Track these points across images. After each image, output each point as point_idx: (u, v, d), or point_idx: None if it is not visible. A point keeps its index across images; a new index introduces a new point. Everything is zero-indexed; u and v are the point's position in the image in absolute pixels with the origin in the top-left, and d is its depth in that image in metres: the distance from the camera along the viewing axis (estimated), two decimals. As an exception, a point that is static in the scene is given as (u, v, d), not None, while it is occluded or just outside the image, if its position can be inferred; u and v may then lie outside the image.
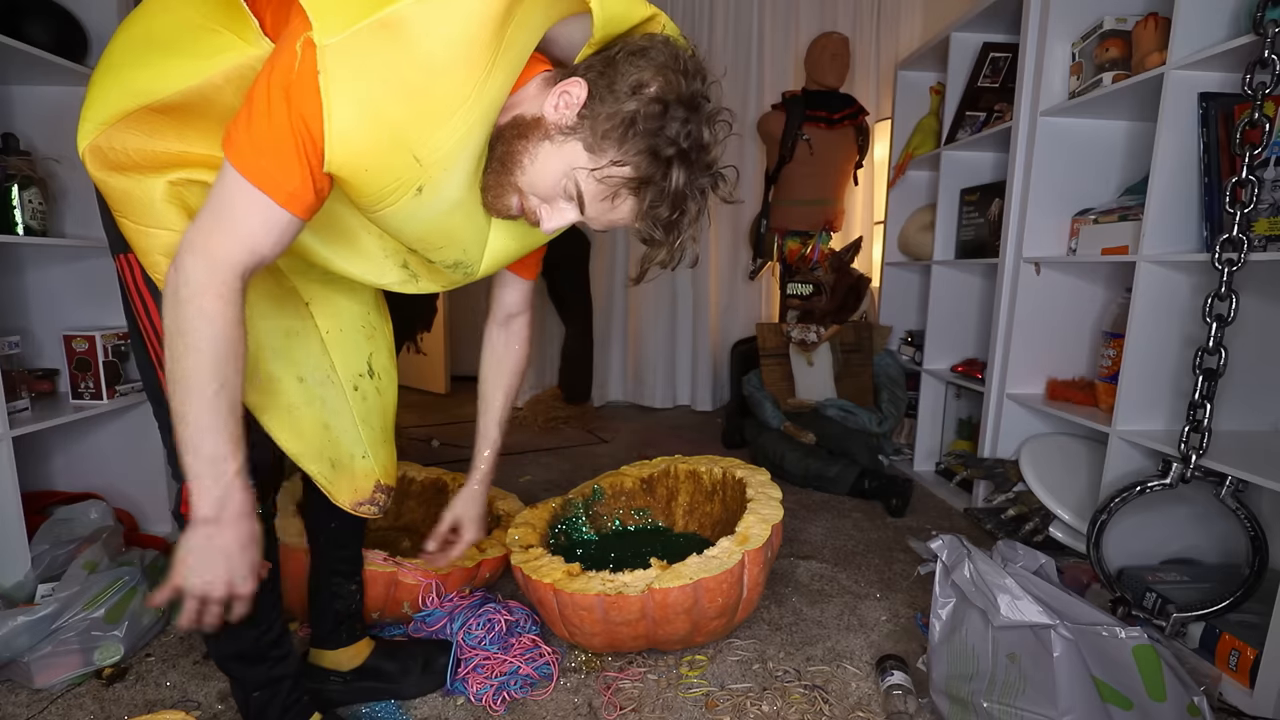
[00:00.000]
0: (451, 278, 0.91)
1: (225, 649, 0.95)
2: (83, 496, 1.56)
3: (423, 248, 0.82)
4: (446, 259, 0.85)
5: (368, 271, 0.90)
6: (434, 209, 0.76)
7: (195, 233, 0.68)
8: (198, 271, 0.67)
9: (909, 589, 1.54)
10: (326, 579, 1.13)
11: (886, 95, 3.04)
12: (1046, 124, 1.72)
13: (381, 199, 0.72)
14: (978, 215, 2.10)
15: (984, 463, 1.88)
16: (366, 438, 1.02)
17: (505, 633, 1.24)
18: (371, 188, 0.71)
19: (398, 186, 0.71)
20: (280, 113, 0.65)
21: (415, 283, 0.93)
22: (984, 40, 2.06)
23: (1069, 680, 0.89)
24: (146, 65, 0.77)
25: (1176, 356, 1.40)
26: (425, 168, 0.71)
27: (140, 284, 0.84)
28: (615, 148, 0.73)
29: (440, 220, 0.78)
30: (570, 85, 0.74)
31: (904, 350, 2.54)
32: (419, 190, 0.72)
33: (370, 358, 1.04)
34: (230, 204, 0.68)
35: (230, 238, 0.68)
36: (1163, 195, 1.36)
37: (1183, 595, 1.31)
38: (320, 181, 0.69)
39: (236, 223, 0.68)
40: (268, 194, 0.67)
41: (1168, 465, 1.28)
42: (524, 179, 0.77)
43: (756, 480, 1.48)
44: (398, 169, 0.70)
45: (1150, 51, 1.43)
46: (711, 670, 1.24)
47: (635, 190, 0.75)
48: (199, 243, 0.68)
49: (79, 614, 1.17)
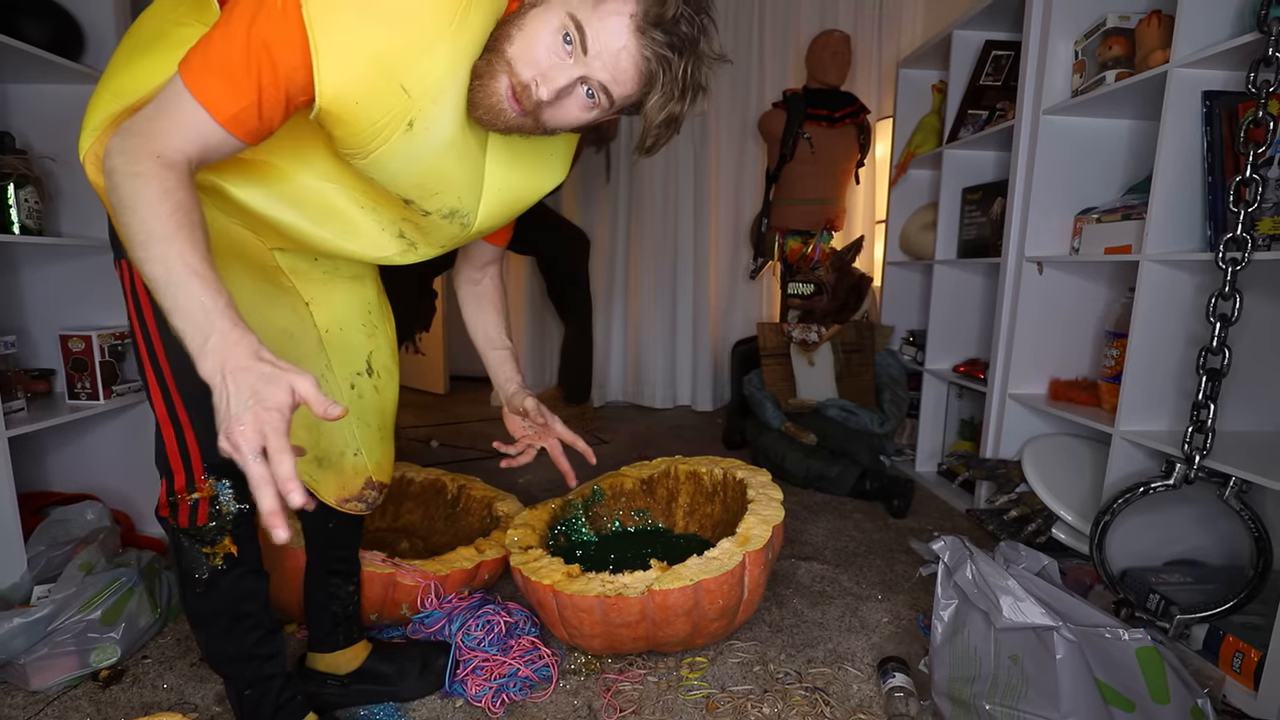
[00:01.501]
0: (449, 232, 0.90)
1: (216, 649, 0.95)
2: (79, 497, 1.55)
3: (419, 195, 0.82)
4: (443, 206, 0.84)
5: (367, 247, 0.90)
6: (426, 147, 0.76)
7: (133, 121, 0.68)
8: (132, 147, 0.66)
9: (911, 590, 1.54)
10: (323, 579, 1.13)
11: (888, 93, 3.04)
12: (1049, 122, 1.72)
13: (373, 137, 0.72)
14: (980, 214, 2.10)
15: (986, 463, 1.88)
16: (361, 435, 1.03)
17: (504, 634, 1.24)
18: (362, 123, 0.71)
19: (388, 121, 0.72)
20: (239, 35, 0.66)
21: (415, 250, 0.93)
22: (986, 38, 2.06)
23: (1072, 682, 0.89)
24: (128, 67, 0.79)
25: (1180, 356, 1.40)
26: (414, 99, 0.71)
27: (139, 289, 0.85)
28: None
29: (434, 161, 0.78)
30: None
31: (906, 350, 2.54)
32: (410, 125, 0.72)
33: (370, 356, 1.05)
34: (173, 111, 0.68)
35: (170, 134, 0.67)
36: (1166, 194, 1.36)
37: (1186, 597, 1.31)
38: (270, 109, 0.69)
39: (176, 127, 0.68)
40: (209, 111, 0.67)
41: (1171, 466, 1.28)
42: (513, 49, 0.73)
43: (757, 481, 1.48)
44: (387, 101, 0.70)
45: (1153, 49, 1.43)
46: (712, 672, 1.24)
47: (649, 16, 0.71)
48: (135, 127, 0.67)
49: (75, 615, 1.17)
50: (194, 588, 0.91)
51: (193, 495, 0.88)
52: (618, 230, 3.34)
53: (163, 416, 0.87)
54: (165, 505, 0.89)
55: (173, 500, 0.88)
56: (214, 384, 0.60)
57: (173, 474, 0.88)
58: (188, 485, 0.88)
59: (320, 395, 0.62)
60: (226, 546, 0.90)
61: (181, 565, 0.91)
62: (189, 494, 0.88)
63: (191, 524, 0.88)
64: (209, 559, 0.89)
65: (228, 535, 0.89)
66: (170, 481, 0.88)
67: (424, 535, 1.70)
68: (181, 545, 0.90)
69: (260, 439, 0.58)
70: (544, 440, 1.17)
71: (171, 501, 0.88)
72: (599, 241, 3.31)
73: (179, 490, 0.88)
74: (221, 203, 0.85)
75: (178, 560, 0.91)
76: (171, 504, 0.88)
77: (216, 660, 0.97)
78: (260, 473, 0.58)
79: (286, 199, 0.85)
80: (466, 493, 1.71)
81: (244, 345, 0.61)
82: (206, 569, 0.89)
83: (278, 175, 0.83)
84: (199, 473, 0.87)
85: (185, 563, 0.90)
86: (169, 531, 0.91)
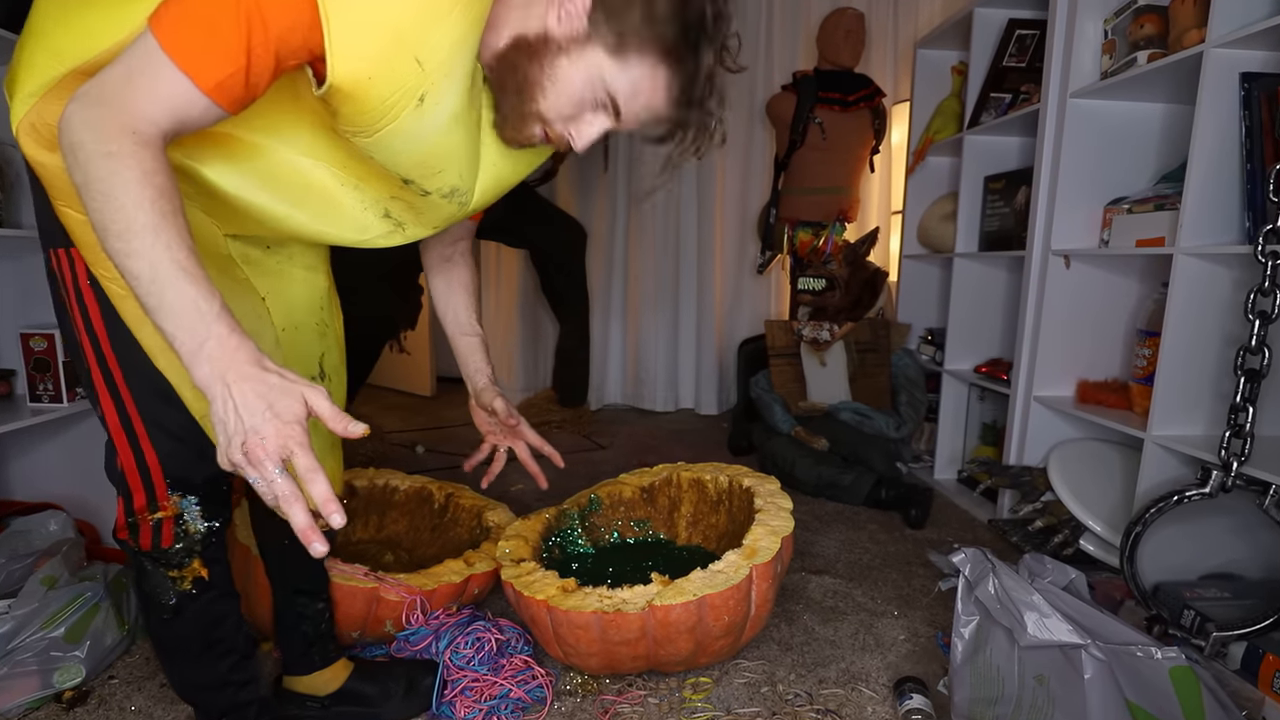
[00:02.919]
0: (445, 212, 0.89)
1: (185, 678, 0.93)
2: (41, 506, 1.55)
3: (421, 174, 0.81)
4: (444, 185, 0.84)
5: (346, 230, 0.88)
6: (434, 123, 0.75)
7: (97, 86, 0.64)
8: (99, 119, 0.62)
9: (929, 606, 1.54)
10: (289, 599, 1.12)
11: (905, 75, 3.05)
12: (1077, 106, 1.72)
13: (384, 113, 0.71)
14: (1003, 204, 2.10)
15: (1010, 470, 1.88)
16: (316, 445, 1.00)
17: (495, 653, 1.24)
18: (373, 100, 0.70)
19: (401, 96, 0.70)
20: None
21: (402, 231, 0.91)
22: (1009, 16, 2.06)
23: (1101, 704, 0.89)
24: (66, 21, 0.74)
25: (1217, 356, 1.40)
26: (427, 73, 0.70)
27: (82, 283, 0.81)
28: (640, 40, 0.74)
29: (441, 138, 0.78)
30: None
31: (923, 349, 2.54)
32: (421, 100, 0.72)
33: (322, 358, 1.02)
34: (146, 76, 0.63)
35: (144, 104, 0.64)
36: (1202, 183, 1.36)
37: (1223, 613, 1.31)
38: (258, 75, 0.66)
39: (150, 96, 0.64)
40: (191, 77, 0.63)
41: (1207, 473, 1.28)
42: (546, 103, 0.78)
43: (765, 489, 1.48)
44: (401, 74, 0.69)
45: (1188, 28, 1.43)
46: (717, 693, 1.24)
47: (669, 76, 0.76)
48: (99, 94, 0.63)
49: (37, 633, 1.17)
50: (160, 614, 0.89)
51: (155, 515, 0.85)
52: (616, 222, 3.34)
53: (115, 428, 0.84)
54: (124, 526, 0.86)
55: (132, 521, 0.85)
56: (213, 393, 0.61)
57: (131, 492, 0.85)
58: (149, 504, 0.85)
59: (336, 409, 0.64)
60: (196, 569, 0.88)
61: (145, 590, 0.88)
62: (150, 513, 0.85)
63: (155, 546, 0.86)
64: (176, 583, 0.87)
65: (196, 557, 0.87)
66: (128, 500, 0.85)
67: (409, 547, 1.70)
68: (145, 569, 0.87)
69: (282, 453, 0.60)
70: (511, 442, 1.21)
71: (131, 522, 0.85)
72: (597, 234, 3.31)
73: (139, 510, 0.85)
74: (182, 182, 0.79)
75: (140, 585, 0.89)
76: (131, 525, 0.85)
77: (186, 690, 0.95)
78: (290, 489, 0.60)
79: (259, 177, 0.81)
80: (455, 501, 1.71)
81: (245, 352, 0.62)
82: (173, 594, 0.87)
83: (250, 150, 0.80)
84: (161, 489, 0.85)
85: (149, 588, 0.88)
86: (130, 554, 0.88)
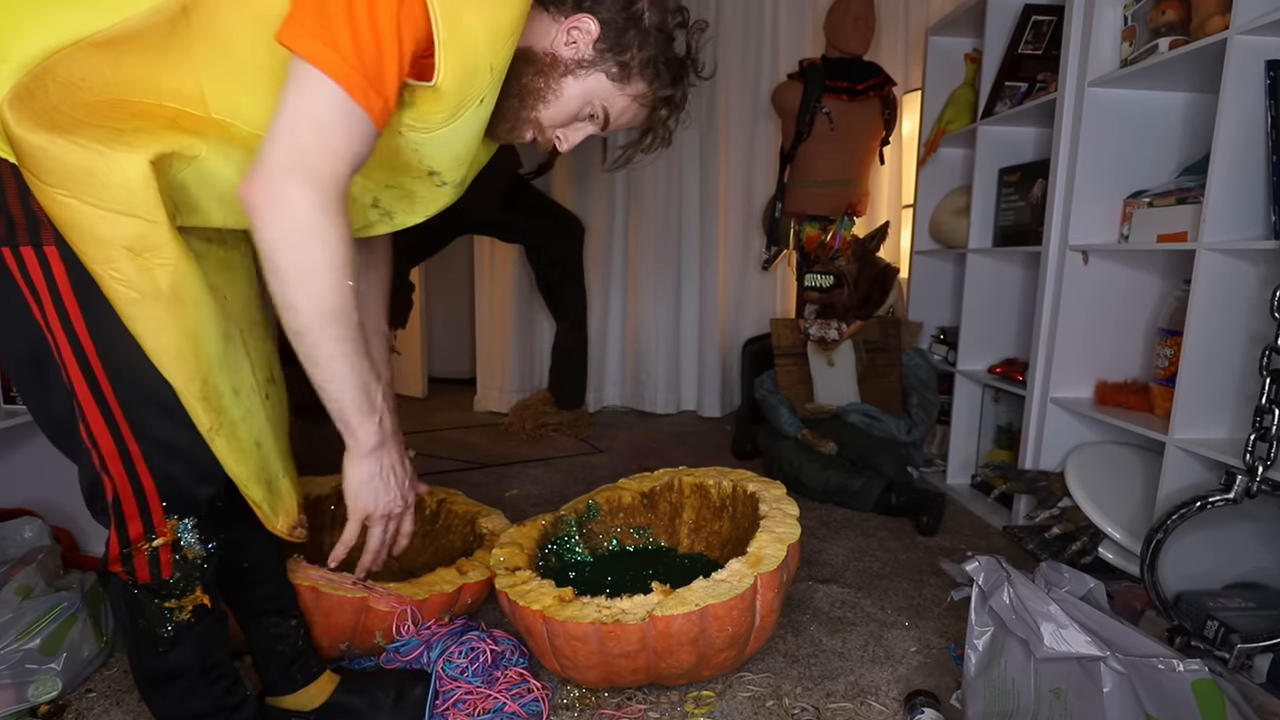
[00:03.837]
0: (443, 200, 0.96)
1: (178, 711, 0.91)
2: (16, 513, 1.56)
3: (450, 166, 0.90)
4: (457, 177, 0.93)
5: None
6: (479, 121, 0.85)
7: (290, 154, 0.70)
8: (309, 204, 0.71)
9: (941, 616, 1.54)
10: (258, 623, 1.09)
11: (916, 63, 3.05)
12: (1095, 95, 1.72)
13: (454, 115, 0.80)
14: (1018, 198, 2.10)
15: (1025, 475, 1.88)
16: (280, 453, 0.98)
17: (490, 664, 1.24)
18: (451, 102, 0.79)
19: (469, 99, 0.80)
20: (387, 16, 0.69)
21: (389, 220, 0.97)
22: (1026, 2, 2.06)
23: (1120, 719, 0.89)
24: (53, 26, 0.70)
25: (1241, 356, 1.40)
26: (494, 78, 0.80)
27: (61, 284, 0.74)
28: (640, 70, 0.90)
29: (477, 134, 0.87)
30: (580, 21, 0.86)
31: (935, 349, 2.54)
32: (480, 102, 0.81)
33: (270, 357, 0.99)
34: (329, 121, 0.70)
35: (335, 159, 0.71)
36: (1226, 175, 1.36)
37: (1248, 623, 1.31)
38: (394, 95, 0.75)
39: (340, 142, 0.71)
40: (368, 112, 0.71)
41: (1231, 478, 1.28)
42: (546, 112, 0.91)
43: (770, 495, 1.48)
44: (477, 81, 0.79)
45: (1211, 14, 1.43)
46: (720, 708, 1.24)
47: (656, 99, 0.94)
48: (298, 165, 0.70)
49: (11, 644, 1.16)
50: (155, 647, 0.86)
51: (153, 542, 0.82)
52: (615, 216, 3.34)
53: (109, 450, 0.78)
54: (117, 559, 0.82)
55: (126, 552, 0.82)
56: (371, 471, 0.90)
57: (125, 520, 0.81)
58: (146, 532, 0.82)
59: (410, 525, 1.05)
60: (197, 597, 0.86)
61: (138, 626, 0.85)
62: (147, 541, 0.82)
63: (155, 577, 0.83)
64: (174, 614, 0.85)
65: (198, 584, 0.86)
66: (121, 529, 0.82)
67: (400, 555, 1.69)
68: (139, 603, 0.84)
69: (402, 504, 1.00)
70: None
71: (125, 553, 0.82)
72: (595, 228, 3.31)
73: (135, 539, 0.82)
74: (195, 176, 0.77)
75: (132, 620, 0.85)
76: (124, 555, 0.82)
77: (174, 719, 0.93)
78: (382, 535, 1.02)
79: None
80: (447, 508, 1.71)
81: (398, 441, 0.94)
82: (171, 626, 0.85)
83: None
84: (158, 514, 0.82)
85: (145, 623, 0.85)
86: (118, 588, 0.84)
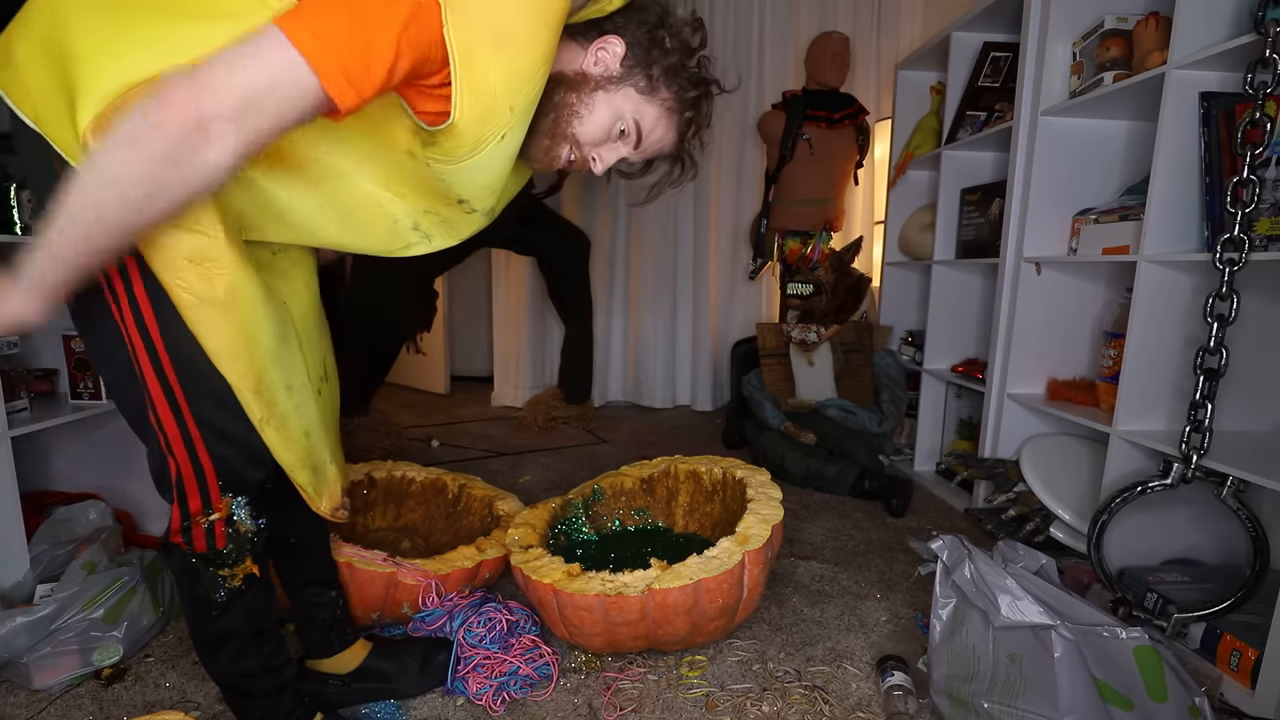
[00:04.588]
0: (476, 225, 0.94)
1: (231, 669, 0.92)
2: (82, 496, 1.56)
3: (477, 195, 0.87)
4: (486, 205, 0.90)
5: (383, 240, 0.90)
6: (504, 156, 0.81)
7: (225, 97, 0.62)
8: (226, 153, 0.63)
9: (909, 589, 1.54)
10: (302, 594, 1.11)
11: (887, 95, 3.05)
12: (1047, 123, 1.72)
13: (474, 150, 0.77)
14: (978, 215, 2.10)
15: (984, 463, 1.88)
16: (328, 443, 0.99)
17: (506, 632, 1.24)
18: (469, 139, 0.76)
19: (490, 136, 0.76)
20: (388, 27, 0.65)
21: (429, 242, 0.93)
22: (985, 40, 2.06)
23: (1070, 681, 0.89)
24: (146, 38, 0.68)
25: (1178, 356, 1.40)
26: (515, 117, 0.76)
27: (139, 293, 0.77)
28: (666, 77, 0.86)
29: (502, 168, 0.83)
30: (607, 43, 0.83)
31: (904, 350, 2.54)
32: (501, 138, 0.77)
33: (325, 358, 1.01)
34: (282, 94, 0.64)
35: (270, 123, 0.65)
36: (1164, 195, 1.36)
37: (1184, 596, 1.31)
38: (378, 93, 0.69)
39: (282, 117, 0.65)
40: (335, 98, 0.65)
41: (1169, 465, 1.28)
42: (580, 129, 0.85)
43: (757, 480, 1.48)
44: (496, 120, 0.75)
45: (1151, 51, 1.43)
46: (712, 671, 1.24)
47: (688, 102, 0.88)
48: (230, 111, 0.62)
49: (78, 614, 1.17)
50: (210, 611, 0.87)
51: (210, 517, 0.84)
52: (618, 231, 3.34)
53: (175, 435, 0.82)
54: (178, 530, 0.84)
55: (186, 525, 0.84)
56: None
57: (186, 497, 0.83)
58: (204, 507, 0.83)
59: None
60: (248, 567, 0.87)
61: (195, 592, 0.86)
62: (205, 516, 0.84)
63: (210, 548, 0.84)
64: (226, 581, 0.86)
65: (248, 555, 0.86)
66: (184, 505, 0.83)
67: (425, 534, 1.70)
68: (195, 570, 0.85)
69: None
70: None
71: (185, 526, 0.84)
72: (599, 242, 3.31)
73: (194, 514, 0.83)
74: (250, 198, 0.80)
75: (190, 586, 0.86)
76: (185, 529, 0.84)
77: (231, 679, 0.93)
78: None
79: (322, 194, 0.83)
80: (467, 492, 1.71)
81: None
82: (224, 592, 0.86)
83: (323, 171, 0.82)
84: (215, 492, 0.83)
85: (201, 589, 0.86)
86: (179, 557, 0.86)
